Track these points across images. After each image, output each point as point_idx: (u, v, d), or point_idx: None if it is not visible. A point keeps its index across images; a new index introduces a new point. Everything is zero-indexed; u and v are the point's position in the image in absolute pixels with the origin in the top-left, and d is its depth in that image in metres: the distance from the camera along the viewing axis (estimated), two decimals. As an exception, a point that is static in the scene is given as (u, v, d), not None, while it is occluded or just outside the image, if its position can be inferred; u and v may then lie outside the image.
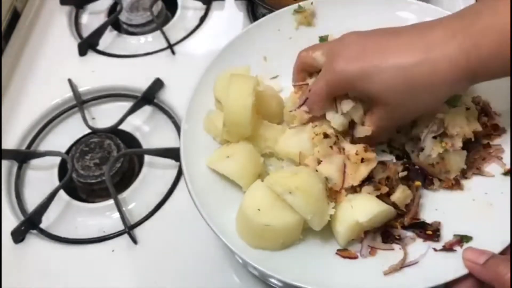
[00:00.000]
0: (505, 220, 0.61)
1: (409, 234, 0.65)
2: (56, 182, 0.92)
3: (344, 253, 0.65)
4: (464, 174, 0.69)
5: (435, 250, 0.63)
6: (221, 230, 0.63)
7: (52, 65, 1.08)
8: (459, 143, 0.67)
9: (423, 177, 0.68)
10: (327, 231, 0.65)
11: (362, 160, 0.66)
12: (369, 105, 0.65)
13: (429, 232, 0.64)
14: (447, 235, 0.63)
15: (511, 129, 0.71)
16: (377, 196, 0.65)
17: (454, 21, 0.62)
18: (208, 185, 0.69)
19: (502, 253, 0.58)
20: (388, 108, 0.63)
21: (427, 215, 0.66)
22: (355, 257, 0.64)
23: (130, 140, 0.98)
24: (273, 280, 0.74)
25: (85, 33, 1.14)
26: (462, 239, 0.62)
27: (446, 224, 0.65)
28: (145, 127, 1.00)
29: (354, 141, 0.69)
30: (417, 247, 0.64)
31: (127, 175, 0.94)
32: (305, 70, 0.72)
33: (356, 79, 0.62)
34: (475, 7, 0.61)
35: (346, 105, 0.66)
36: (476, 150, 0.69)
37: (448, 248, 0.62)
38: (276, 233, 0.63)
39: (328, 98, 0.66)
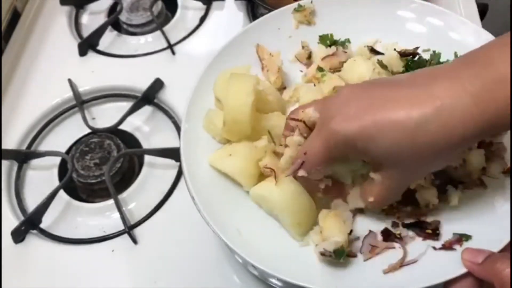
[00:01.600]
0: (505, 219, 0.61)
1: (409, 233, 0.65)
2: (56, 182, 0.92)
3: (344, 251, 0.65)
4: (484, 173, 0.67)
5: (435, 249, 0.62)
6: (222, 230, 0.63)
7: (52, 65, 1.08)
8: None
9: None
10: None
11: None
12: (373, 168, 0.59)
13: (429, 231, 0.64)
14: (446, 234, 0.63)
15: (511, 128, 0.70)
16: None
17: (460, 69, 0.53)
18: (208, 184, 0.68)
19: (502, 251, 0.58)
20: (394, 172, 0.57)
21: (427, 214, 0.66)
22: (355, 256, 0.64)
23: (130, 140, 0.98)
24: (273, 280, 0.73)
25: (85, 33, 1.14)
26: (462, 238, 0.62)
27: (445, 223, 0.65)
28: (145, 127, 1.00)
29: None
30: (417, 246, 0.63)
31: (127, 175, 0.94)
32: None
33: (357, 140, 0.55)
34: (482, 52, 0.54)
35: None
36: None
37: (448, 247, 0.61)
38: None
39: (327, 161, 0.60)
